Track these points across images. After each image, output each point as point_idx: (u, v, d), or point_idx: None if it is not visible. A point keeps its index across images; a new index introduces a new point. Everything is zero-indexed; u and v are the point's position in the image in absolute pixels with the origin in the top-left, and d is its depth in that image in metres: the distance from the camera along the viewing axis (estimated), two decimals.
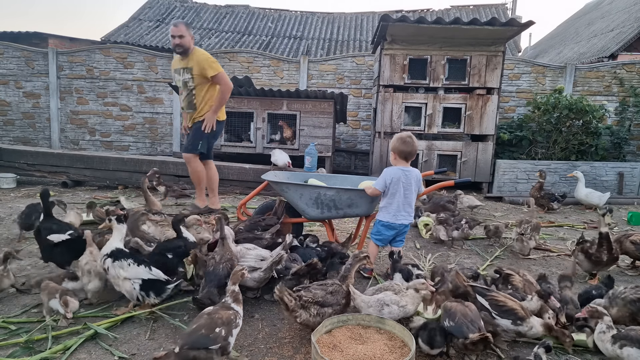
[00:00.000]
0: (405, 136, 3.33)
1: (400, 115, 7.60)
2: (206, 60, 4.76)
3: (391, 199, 3.30)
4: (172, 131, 10.20)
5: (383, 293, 2.58)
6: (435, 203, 5.59)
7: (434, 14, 15.46)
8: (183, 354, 2.03)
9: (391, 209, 3.31)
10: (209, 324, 2.11)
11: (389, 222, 3.33)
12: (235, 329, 2.19)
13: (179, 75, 4.91)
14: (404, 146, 3.29)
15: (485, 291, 2.57)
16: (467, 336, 2.17)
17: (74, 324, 2.57)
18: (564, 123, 8.06)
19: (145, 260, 2.79)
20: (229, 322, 2.15)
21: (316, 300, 2.47)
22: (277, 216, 3.76)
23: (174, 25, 4.74)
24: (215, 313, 2.19)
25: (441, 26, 6.94)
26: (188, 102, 4.98)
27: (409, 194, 3.32)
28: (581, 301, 2.81)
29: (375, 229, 3.42)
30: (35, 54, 10.04)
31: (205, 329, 2.09)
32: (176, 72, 4.96)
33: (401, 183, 3.27)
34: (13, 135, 10.28)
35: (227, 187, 6.80)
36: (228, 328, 2.13)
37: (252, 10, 16.27)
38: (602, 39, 13.12)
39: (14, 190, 6.52)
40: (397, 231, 3.38)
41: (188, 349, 2.03)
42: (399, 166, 3.33)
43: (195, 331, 2.09)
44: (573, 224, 5.57)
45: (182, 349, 2.03)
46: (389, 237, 3.40)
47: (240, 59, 10.06)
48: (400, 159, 3.34)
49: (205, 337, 2.06)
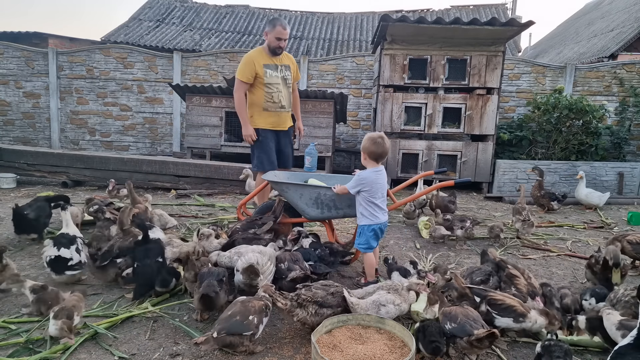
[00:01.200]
0: (376, 137, 3.21)
1: (400, 115, 7.60)
2: (296, 64, 4.86)
3: (370, 202, 3.25)
4: (172, 131, 10.20)
5: (377, 294, 2.57)
6: (439, 201, 5.54)
7: (434, 14, 15.46)
8: (220, 339, 2.20)
9: (374, 210, 3.26)
10: (243, 311, 2.27)
11: (376, 224, 3.26)
12: (265, 318, 2.35)
13: (276, 72, 4.63)
14: (375, 147, 3.18)
15: (482, 292, 2.57)
16: (471, 333, 2.16)
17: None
18: (564, 123, 8.06)
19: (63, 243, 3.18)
20: (260, 311, 2.31)
21: (315, 299, 2.46)
22: (275, 216, 3.75)
23: (283, 28, 4.49)
24: (248, 302, 2.36)
25: (441, 26, 6.93)
26: (289, 100, 4.80)
27: (383, 194, 3.31)
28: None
29: (364, 237, 3.28)
30: (35, 54, 10.04)
31: (239, 315, 2.25)
32: (269, 68, 4.59)
33: (378, 185, 3.24)
34: (13, 135, 10.28)
35: (227, 187, 6.81)
36: (259, 317, 2.29)
37: (252, 10, 16.27)
38: (602, 39, 13.12)
39: (14, 190, 6.53)
40: (382, 232, 3.36)
41: (225, 335, 2.19)
42: (370, 168, 3.26)
43: (230, 317, 2.25)
44: (573, 224, 5.57)
45: (220, 334, 2.19)
46: (377, 240, 3.36)
47: (240, 59, 10.04)
48: (370, 160, 3.25)
49: (240, 323, 2.22)
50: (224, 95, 8.34)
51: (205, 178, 6.87)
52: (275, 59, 4.64)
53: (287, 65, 4.72)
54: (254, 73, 4.52)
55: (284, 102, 4.70)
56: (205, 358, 2.33)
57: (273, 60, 4.63)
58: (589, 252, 4.45)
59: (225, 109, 8.36)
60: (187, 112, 8.60)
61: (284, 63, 4.69)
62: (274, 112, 4.68)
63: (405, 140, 7.81)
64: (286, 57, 4.78)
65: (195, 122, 8.46)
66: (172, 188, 6.79)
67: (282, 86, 4.66)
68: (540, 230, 5.27)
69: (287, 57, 4.79)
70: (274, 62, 4.63)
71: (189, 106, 8.49)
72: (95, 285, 3.20)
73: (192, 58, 10.08)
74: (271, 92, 4.61)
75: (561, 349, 2.09)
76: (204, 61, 10.05)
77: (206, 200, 6.25)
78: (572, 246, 4.64)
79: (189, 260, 2.94)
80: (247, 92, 4.66)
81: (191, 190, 6.72)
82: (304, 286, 2.58)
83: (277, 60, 4.64)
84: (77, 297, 2.52)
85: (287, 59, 4.79)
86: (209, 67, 10.03)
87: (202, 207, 5.91)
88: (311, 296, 2.46)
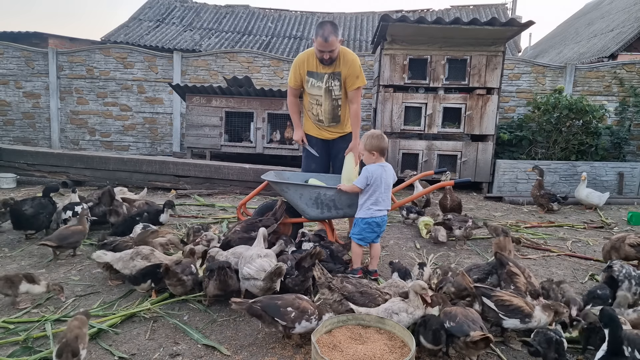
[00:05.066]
0: (378, 133, 3.36)
1: (400, 115, 7.60)
2: (359, 67, 3.95)
3: (372, 195, 3.32)
4: (172, 131, 10.20)
5: (390, 301, 2.56)
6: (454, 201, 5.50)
7: (434, 14, 15.46)
8: (254, 308, 2.35)
9: (373, 204, 3.33)
10: (287, 302, 2.38)
11: (372, 218, 3.33)
12: (307, 322, 2.35)
13: (320, 82, 4.00)
14: (380, 141, 3.33)
15: (490, 292, 2.55)
16: (468, 333, 2.17)
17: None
18: (564, 123, 8.06)
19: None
20: (303, 311, 2.36)
21: (342, 291, 2.60)
22: (276, 217, 3.75)
23: (324, 40, 3.73)
24: (298, 298, 2.44)
25: (441, 26, 6.93)
26: (331, 115, 4.12)
27: (388, 189, 3.38)
28: (586, 301, 2.81)
29: (358, 229, 3.39)
30: (35, 54, 10.03)
31: (281, 302, 2.37)
32: (312, 77, 4.03)
33: (382, 179, 3.32)
34: (13, 135, 10.28)
35: (227, 187, 6.81)
36: (299, 315, 2.34)
37: (252, 10, 16.27)
38: (602, 39, 13.12)
39: (14, 190, 6.52)
40: (380, 228, 3.40)
41: (259, 307, 2.34)
42: (378, 163, 3.35)
43: (274, 299, 2.40)
44: (573, 224, 5.57)
45: (255, 303, 2.35)
46: (374, 235, 3.40)
47: (240, 59, 10.06)
48: (379, 156, 3.36)
49: (276, 307, 2.34)
50: (224, 95, 8.34)
51: (205, 178, 6.87)
52: (322, 67, 3.99)
53: (338, 72, 3.96)
54: (299, 78, 4.11)
55: (322, 116, 4.12)
56: (205, 358, 2.33)
57: (319, 67, 4.00)
58: (589, 252, 4.47)
59: (225, 109, 8.36)
60: (187, 112, 8.60)
61: (335, 71, 3.97)
62: (315, 124, 4.27)
63: (405, 140, 7.81)
64: (342, 63, 3.95)
65: (195, 122, 8.46)
66: (172, 188, 6.79)
67: (323, 99, 4.04)
68: (540, 230, 5.27)
69: (343, 63, 3.94)
70: (319, 69, 4.01)
71: (189, 106, 8.49)
72: (95, 285, 3.21)
73: (192, 58, 10.08)
74: (311, 103, 4.15)
75: (549, 338, 2.18)
76: (204, 61, 10.05)
77: (206, 200, 6.25)
78: (572, 246, 4.64)
79: (169, 270, 2.85)
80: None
81: (191, 190, 6.72)
82: (342, 276, 2.77)
83: (325, 69, 3.98)
84: (79, 322, 2.15)
85: (343, 64, 3.94)
86: (209, 67, 10.03)
87: (202, 207, 5.91)
88: (340, 287, 2.61)
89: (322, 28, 3.76)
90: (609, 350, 2.03)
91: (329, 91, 4.02)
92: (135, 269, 3.02)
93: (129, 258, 3.08)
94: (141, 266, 3.01)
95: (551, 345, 2.16)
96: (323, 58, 3.88)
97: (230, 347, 2.43)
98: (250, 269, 2.77)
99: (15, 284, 2.73)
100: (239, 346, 2.45)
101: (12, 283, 2.74)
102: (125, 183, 6.96)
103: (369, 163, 3.38)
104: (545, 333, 2.23)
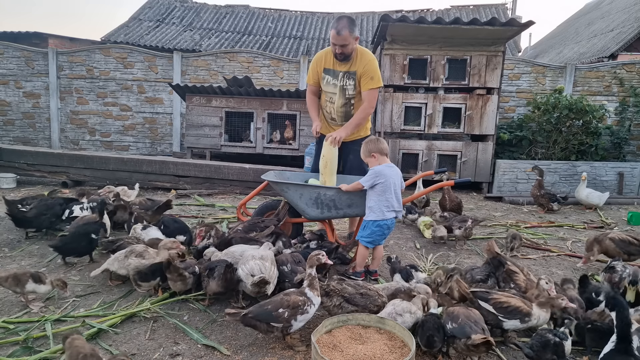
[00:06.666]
0: (374, 137, 3.46)
1: (400, 115, 7.60)
2: (376, 69, 3.87)
3: (382, 196, 3.27)
4: (172, 131, 10.20)
5: (392, 304, 2.56)
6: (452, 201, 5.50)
7: (434, 14, 15.46)
8: (247, 319, 2.34)
9: (384, 206, 3.28)
10: (276, 303, 2.36)
11: (384, 220, 3.28)
12: (302, 315, 2.36)
13: (335, 80, 3.95)
14: (381, 143, 3.37)
15: (487, 295, 2.55)
16: (469, 336, 2.16)
17: (74, 322, 2.58)
18: (564, 123, 8.06)
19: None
20: (295, 307, 2.34)
21: (342, 294, 2.58)
22: (278, 218, 3.74)
23: (337, 33, 3.67)
24: (286, 295, 2.43)
25: (441, 26, 6.93)
26: (343, 115, 4.04)
27: (398, 189, 3.36)
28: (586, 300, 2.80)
29: (369, 231, 3.31)
30: (35, 54, 10.04)
31: (271, 306, 2.35)
32: (328, 74, 3.97)
33: (391, 179, 3.29)
34: (13, 135, 10.28)
35: (227, 187, 6.81)
36: (293, 312, 2.33)
37: (252, 10, 16.28)
38: (602, 39, 13.12)
39: (14, 190, 6.52)
40: (390, 230, 3.37)
41: (251, 317, 2.33)
42: (384, 164, 3.35)
43: (263, 305, 2.38)
44: (573, 224, 5.56)
45: (247, 315, 2.33)
46: (383, 238, 3.38)
47: (240, 59, 10.07)
48: (381, 157, 3.37)
49: (268, 312, 2.33)
50: (224, 95, 8.34)
51: (205, 178, 6.86)
52: (338, 65, 3.91)
53: (354, 72, 3.89)
54: (317, 76, 4.05)
55: (334, 114, 4.06)
56: (205, 358, 2.33)
57: (335, 65, 3.93)
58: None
59: (225, 109, 8.36)
60: (187, 112, 8.60)
61: (351, 70, 3.90)
62: (328, 122, 4.20)
63: (405, 140, 7.81)
64: (358, 62, 3.89)
65: (195, 122, 8.46)
66: (172, 188, 6.79)
67: (337, 97, 3.98)
68: (540, 230, 5.27)
69: (359, 62, 3.88)
70: (335, 67, 3.94)
71: (189, 106, 8.49)
72: (95, 285, 3.21)
73: (192, 58, 10.08)
74: (326, 100, 4.09)
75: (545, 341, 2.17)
76: (204, 61, 10.05)
77: (206, 200, 6.25)
78: (572, 246, 4.64)
79: (171, 265, 2.86)
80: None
81: (191, 190, 6.72)
82: (339, 278, 2.75)
83: (341, 66, 3.91)
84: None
85: (360, 63, 3.88)
86: (209, 67, 10.04)
87: (202, 207, 5.91)
88: (339, 290, 2.58)
89: (338, 21, 3.72)
90: (618, 335, 2.02)
91: (343, 90, 3.96)
92: (131, 267, 3.04)
93: (124, 257, 3.09)
94: (136, 264, 3.03)
95: (547, 347, 2.15)
96: (336, 52, 3.80)
97: (230, 347, 2.43)
98: (243, 270, 2.77)
99: (22, 282, 2.75)
100: (239, 346, 2.45)
101: (19, 281, 2.76)
102: (125, 183, 6.96)
103: (376, 164, 3.36)
104: (542, 335, 2.23)
